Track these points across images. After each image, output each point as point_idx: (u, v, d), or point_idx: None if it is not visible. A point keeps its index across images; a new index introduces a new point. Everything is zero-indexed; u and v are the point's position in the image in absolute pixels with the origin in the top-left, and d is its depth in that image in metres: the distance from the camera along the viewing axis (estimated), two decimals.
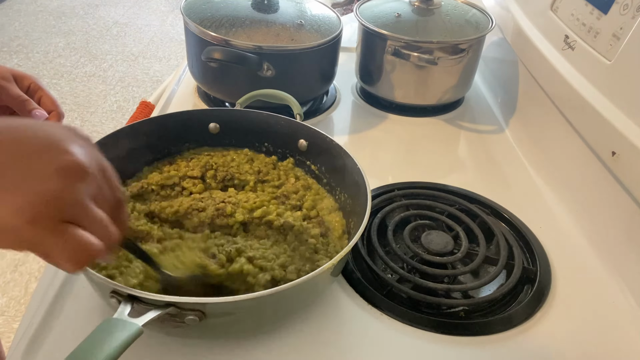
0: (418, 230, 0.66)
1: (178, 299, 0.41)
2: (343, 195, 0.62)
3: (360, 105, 0.97)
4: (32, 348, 0.50)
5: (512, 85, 0.96)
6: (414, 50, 0.85)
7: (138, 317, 0.39)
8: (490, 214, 0.71)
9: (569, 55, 0.74)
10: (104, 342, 0.35)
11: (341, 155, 0.61)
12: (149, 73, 2.87)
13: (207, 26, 0.80)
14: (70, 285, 0.56)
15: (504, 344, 0.54)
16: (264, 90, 0.71)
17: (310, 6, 0.89)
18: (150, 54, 3.07)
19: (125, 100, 2.59)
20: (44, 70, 2.78)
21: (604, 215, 0.67)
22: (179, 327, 0.43)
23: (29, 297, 1.57)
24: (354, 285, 0.59)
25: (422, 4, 0.90)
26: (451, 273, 0.60)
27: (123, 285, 0.42)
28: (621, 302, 0.60)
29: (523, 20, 0.90)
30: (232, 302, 0.43)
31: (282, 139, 0.68)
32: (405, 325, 0.55)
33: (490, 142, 0.89)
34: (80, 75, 2.77)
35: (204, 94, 0.94)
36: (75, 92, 2.62)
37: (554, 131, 0.80)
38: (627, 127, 0.60)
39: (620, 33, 0.64)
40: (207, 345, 0.52)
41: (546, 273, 0.62)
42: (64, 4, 3.60)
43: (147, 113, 0.96)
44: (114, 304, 0.41)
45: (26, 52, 2.94)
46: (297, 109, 0.68)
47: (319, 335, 0.54)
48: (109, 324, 0.37)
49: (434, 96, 0.93)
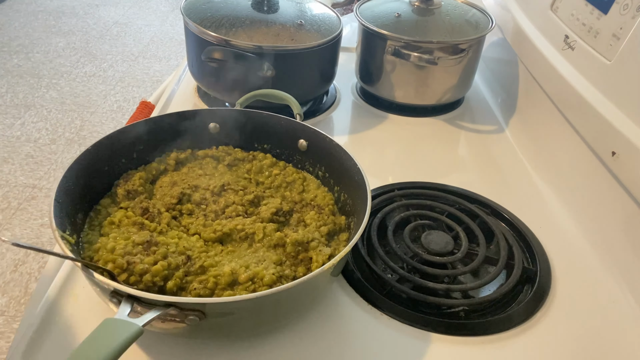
0: (418, 230, 0.66)
1: (178, 299, 0.41)
2: (343, 195, 0.62)
3: (360, 105, 0.97)
4: (32, 348, 0.50)
5: (512, 85, 0.96)
6: (414, 50, 0.85)
7: (138, 318, 0.39)
8: (490, 214, 0.71)
9: (569, 55, 0.74)
10: (104, 343, 0.35)
11: (341, 155, 0.61)
12: (149, 73, 2.87)
13: (207, 26, 0.80)
14: (70, 285, 0.56)
15: (504, 344, 0.54)
16: (264, 90, 0.71)
17: (310, 6, 0.89)
18: (150, 54, 3.07)
19: (125, 100, 2.60)
20: (44, 70, 2.78)
21: (604, 215, 0.67)
22: (179, 327, 0.43)
23: (29, 297, 1.57)
24: (354, 285, 0.59)
25: (422, 4, 0.91)
26: (451, 273, 0.60)
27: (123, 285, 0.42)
28: (621, 302, 0.60)
29: (523, 20, 0.90)
30: (232, 302, 0.43)
31: (282, 139, 0.68)
32: (405, 325, 0.55)
33: (490, 142, 0.89)
34: (80, 75, 2.77)
35: (204, 94, 0.94)
36: (75, 92, 2.62)
37: (554, 131, 0.80)
38: (627, 127, 0.60)
39: (620, 33, 0.64)
40: (207, 346, 0.52)
41: (546, 273, 0.62)
42: (64, 4, 3.60)
43: (147, 113, 0.96)
44: (114, 304, 0.41)
45: (26, 52, 2.94)
46: (297, 109, 0.68)
47: (319, 335, 0.54)
48: (109, 324, 0.37)
49: (434, 96, 0.93)
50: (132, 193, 0.60)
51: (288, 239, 0.55)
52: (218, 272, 0.50)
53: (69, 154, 2.18)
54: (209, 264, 0.51)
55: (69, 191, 0.52)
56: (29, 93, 2.57)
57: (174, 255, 0.51)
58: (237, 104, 0.69)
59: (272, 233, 0.56)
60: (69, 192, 0.52)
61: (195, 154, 0.67)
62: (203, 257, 0.52)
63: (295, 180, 0.66)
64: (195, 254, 0.52)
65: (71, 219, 0.52)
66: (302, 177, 0.66)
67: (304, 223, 0.60)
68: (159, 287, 0.48)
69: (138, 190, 0.60)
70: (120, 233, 0.54)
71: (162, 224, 0.57)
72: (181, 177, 0.64)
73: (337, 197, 0.64)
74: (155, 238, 0.52)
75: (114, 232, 0.54)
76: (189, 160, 0.67)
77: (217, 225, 0.57)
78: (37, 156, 2.14)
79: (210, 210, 0.60)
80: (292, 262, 0.54)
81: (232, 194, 0.62)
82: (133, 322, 0.38)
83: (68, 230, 0.49)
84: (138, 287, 0.46)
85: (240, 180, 0.65)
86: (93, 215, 0.57)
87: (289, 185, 0.65)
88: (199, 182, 0.64)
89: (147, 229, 0.55)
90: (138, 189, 0.60)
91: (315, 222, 0.59)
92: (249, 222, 0.58)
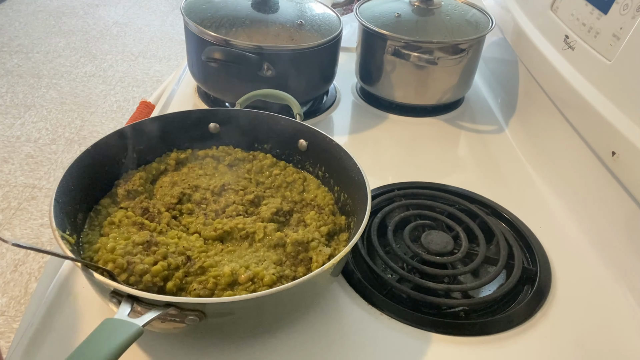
0: (418, 230, 0.66)
1: (178, 299, 0.41)
2: (343, 195, 0.62)
3: (360, 105, 0.97)
4: (32, 348, 0.50)
5: (512, 85, 0.96)
6: (414, 50, 0.85)
7: (138, 318, 0.39)
8: (490, 214, 0.71)
9: (569, 55, 0.74)
10: (104, 343, 0.35)
11: (341, 155, 0.61)
12: (149, 73, 2.87)
13: (207, 26, 0.80)
14: (70, 285, 0.56)
15: (504, 344, 0.54)
16: (264, 90, 0.71)
17: (310, 6, 0.89)
18: (150, 54, 3.07)
19: (125, 100, 2.60)
20: (44, 70, 2.78)
21: (604, 215, 0.67)
22: (179, 327, 0.43)
23: (29, 297, 1.57)
24: (354, 285, 0.59)
25: (422, 4, 0.91)
26: (451, 273, 0.60)
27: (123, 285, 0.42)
28: (621, 302, 0.60)
29: (523, 20, 0.90)
30: (232, 302, 0.43)
31: (282, 139, 0.68)
32: (405, 325, 0.55)
33: (490, 142, 0.89)
34: (80, 75, 2.77)
35: (204, 94, 0.94)
36: (75, 92, 2.62)
37: (553, 131, 0.80)
38: (627, 127, 0.60)
39: (620, 33, 0.64)
40: (207, 346, 0.52)
41: (546, 273, 0.62)
42: (64, 4, 3.60)
43: (147, 113, 0.96)
44: (114, 304, 0.41)
45: (26, 52, 2.94)
46: (297, 109, 0.68)
47: (318, 336, 0.54)
48: (109, 324, 0.37)
49: (434, 96, 0.93)
50: (132, 193, 0.60)
51: (288, 239, 0.55)
52: (218, 273, 0.50)
53: (69, 154, 2.18)
54: (208, 265, 0.51)
55: (69, 191, 0.52)
56: (29, 93, 2.57)
57: (174, 256, 0.51)
58: (237, 104, 0.69)
59: (273, 233, 0.56)
60: (69, 192, 0.52)
61: (196, 153, 0.67)
62: (203, 257, 0.52)
63: (296, 180, 0.66)
64: (195, 254, 0.52)
65: (71, 219, 0.52)
66: (302, 177, 0.67)
67: (304, 223, 0.60)
68: (159, 288, 0.48)
69: (138, 190, 0.60)
70: (120, 233, 0.54)
71: (162, 224, 0.57)
72: (181, 177, 0.64)
73: (337, 197, 0.64)
74: (156, 238, 0.52)
75: (114, 232, 0.54)
76: (189, 160, 0.67)
77: (218, 223, 0.57)
78: (37, 156, 2.14)
79: (211, 209, 0.60)
80: (292, 262, 0.54)
81: (232, 193, 0.62)
82: (133, 322, 0.38)
83: (68, 230, 0.49)
84: (138, 287, 0.46)
85: (240, 180, 0.65)
86: (93, 215, 0.57)
87: (289, 185, 0.65)
88: (199, 182, 0.64)
89: (147, 229, 0.55)
90: (138, 189, 0.60)
91: (315, 222, 0.59)
92: (249, 221, 0.58)
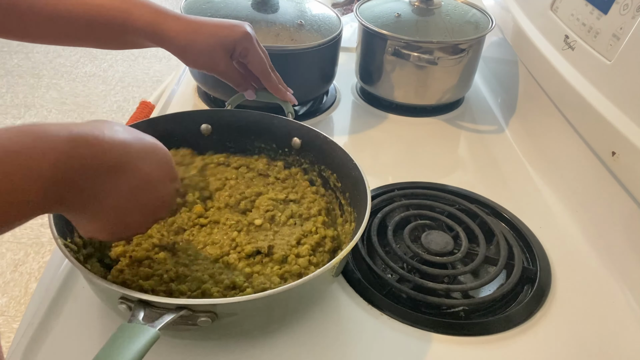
0: (418, 230, 0.66)
1: (188, 301, 0.41)
2: (343, 195, 0.62)
3: (360, 105, 0.97)
4: (32, 348, 0.50)
5: (512, 85, 0.96)
6: (414, 50, 0.85)
7: (153, 322, 0.39)
8: (490, 214, 0.71)
9: (569, 55, 0.74)
10: (125, 348, 0.35)
11: (341, 155, 0.61)
12: (149, 73, 2.87)
13: None
14: (70, 286, 0.56)
15: (504, 344, 0.54)
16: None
17: (310, 6, 0.89)
18: (150, 54, 3.07)
19: (125, 100, 2.60)
20: (44, 70, 2.78)
21: (604, 215, 0.67)
22: (191, 329, 0.43)
23: (29, 297, 1.57)
24: (354, 285, 0.59)
25: (422, 4, 0.91)
26: (451, 273, 0.60)
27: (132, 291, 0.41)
28: (621, 302, 0.60)
29: (523, 20, 0.90)
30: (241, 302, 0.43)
31: (276, 138, 0.68)
32: (405, 325, 0.55)
33: (490, 142, 0.89)
34: (80, 75, 2.77)
35: (204, 94, 0.94)
36: (75, 92, 2.62)
37: (554, 131, 0.80)
38: (627, 127, 0.60)
39: (620, 33, 0.64)
40: (210, 346, 0.52)
41: (546, 273, 0.62)
42: None
43: (147, 113, 0.96)
44: (123, 310, 0.41)
45: (26, 52, 2.94)
46: (288, 107, 0.67)
47: (319, 335, 0.54)
48: (127, 329, 0.37)
49: (434, 96, 0.93)
50: None
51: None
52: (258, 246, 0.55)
53: None
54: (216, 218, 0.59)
55: None
56: (29, 93, 2.57)
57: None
58: (227, 104, 0.68)
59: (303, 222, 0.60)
60: None
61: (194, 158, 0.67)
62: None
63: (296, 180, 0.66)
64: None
65: (71, 224, 0.51)
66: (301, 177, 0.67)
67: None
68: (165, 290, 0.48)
69: None
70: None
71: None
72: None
73: (337, 197, 0.64)
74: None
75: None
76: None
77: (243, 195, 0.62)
78: None
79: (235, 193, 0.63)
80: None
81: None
82: (150, 326, 0.38)
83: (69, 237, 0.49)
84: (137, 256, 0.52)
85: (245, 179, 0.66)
86: None
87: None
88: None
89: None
90: None
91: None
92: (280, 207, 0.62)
